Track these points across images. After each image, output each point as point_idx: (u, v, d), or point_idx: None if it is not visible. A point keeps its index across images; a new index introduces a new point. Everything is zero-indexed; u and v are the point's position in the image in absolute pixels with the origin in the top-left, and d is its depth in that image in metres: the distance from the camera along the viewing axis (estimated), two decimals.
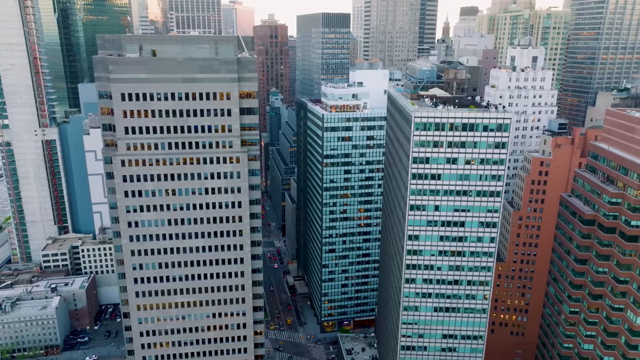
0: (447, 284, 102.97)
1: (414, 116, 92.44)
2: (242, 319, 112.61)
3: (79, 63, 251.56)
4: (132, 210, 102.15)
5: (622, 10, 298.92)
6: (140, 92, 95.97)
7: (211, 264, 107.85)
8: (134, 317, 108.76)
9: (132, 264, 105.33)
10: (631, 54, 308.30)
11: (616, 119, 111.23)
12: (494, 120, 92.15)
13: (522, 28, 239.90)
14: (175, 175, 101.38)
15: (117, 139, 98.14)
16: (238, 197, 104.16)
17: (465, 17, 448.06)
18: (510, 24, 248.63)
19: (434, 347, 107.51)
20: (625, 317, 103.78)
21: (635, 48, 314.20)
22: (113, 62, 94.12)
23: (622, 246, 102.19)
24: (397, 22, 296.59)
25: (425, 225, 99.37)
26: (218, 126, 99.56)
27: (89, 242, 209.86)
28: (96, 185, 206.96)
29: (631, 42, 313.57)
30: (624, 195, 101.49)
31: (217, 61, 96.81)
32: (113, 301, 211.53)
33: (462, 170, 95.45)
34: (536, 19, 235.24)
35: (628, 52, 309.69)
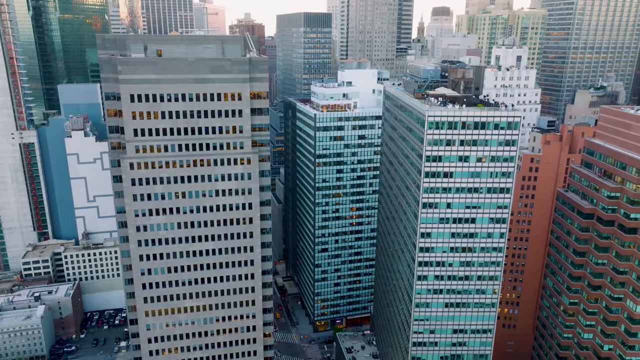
0: (458, 279, 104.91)
1: (428, 115, 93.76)
2: (252, 322, 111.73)
3: (54, 63, 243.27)
4: (141, 214, 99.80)
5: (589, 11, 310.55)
6: (150, 93, 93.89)
7: (221, 266, 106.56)
8: (142, 323, 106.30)
9: (141, 269, 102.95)
10: (598, 53, 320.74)
11: (611, 116, 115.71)
12: (504, 119, 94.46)
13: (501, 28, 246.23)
14: (185, 177, 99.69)
15: (126, 141, 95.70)
16: (249, 198, 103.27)
17: (437, 17, 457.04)
18: (490, 25, 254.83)
19: (445, 342, 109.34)
20: (624, 306, 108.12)
21: (602, 48, 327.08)
22: (122, 63, 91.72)
23: (621, 238, 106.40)
24: (375, 22, 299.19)
25: (437, 223, 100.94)
26: (229, 127, 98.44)
27: (72, 248, 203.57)
28: (79, 189, 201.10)
29: (598, 42, 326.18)
30: (622, 190, 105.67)
31: (228, 61, 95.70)
32: (98, 308, 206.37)
33: (473, 168, 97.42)
34: (515, 20, 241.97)
35: (595, 51, 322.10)
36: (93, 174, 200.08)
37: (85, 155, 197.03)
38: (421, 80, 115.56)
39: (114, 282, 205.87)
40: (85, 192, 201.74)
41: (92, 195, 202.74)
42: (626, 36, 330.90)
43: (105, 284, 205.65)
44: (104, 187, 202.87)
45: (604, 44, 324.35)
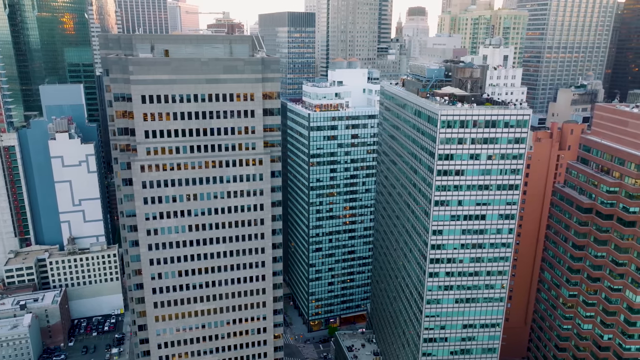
0: (468, 275, 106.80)
1: (440, 114, 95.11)
2: (263, 323, 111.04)
3: (31, 63, 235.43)
4: (152, 217, 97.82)
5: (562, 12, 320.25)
6: (162, 94, 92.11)
7: (232, 269, 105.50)
8: (152, 329, 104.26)
9: (151, 273, 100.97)
10: (571, 52, 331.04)
11: (607, 113, 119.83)
12: (514, 117, 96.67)
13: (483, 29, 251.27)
14: (196, 179, 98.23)
15: (137, 143, 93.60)
16: (260, 199, 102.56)
17: (413, 17, 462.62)
18: (472, 25, 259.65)
19: (455, 337, 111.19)
20: (624, 297, 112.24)
21: (574, 47, 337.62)
22: (134, 63, 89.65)
23: (620, 231, 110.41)
24: (357, 22, 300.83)
25: (448, 220, 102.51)
26: (241, 128, 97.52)
27: (57, 254, 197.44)
28: (64, 193, 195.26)
29: (570, 42, 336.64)
30: (621, 184, 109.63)
31: (241, 61, 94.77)
32: (85, 315, 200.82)
33: (484, 166, 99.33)
34: (497, 20, 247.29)
35: (568, 51, 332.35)
36: (78, 177, 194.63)
37: (70, 157, 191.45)
38: (425, 79, 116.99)
39: (102, 287, 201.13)
40: (70, 195, 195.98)
41: (77, 199, 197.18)
42: (596, 36, 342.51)
43: (93, 289, 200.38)
44: (89, 191, 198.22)
45: (576, 43, 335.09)
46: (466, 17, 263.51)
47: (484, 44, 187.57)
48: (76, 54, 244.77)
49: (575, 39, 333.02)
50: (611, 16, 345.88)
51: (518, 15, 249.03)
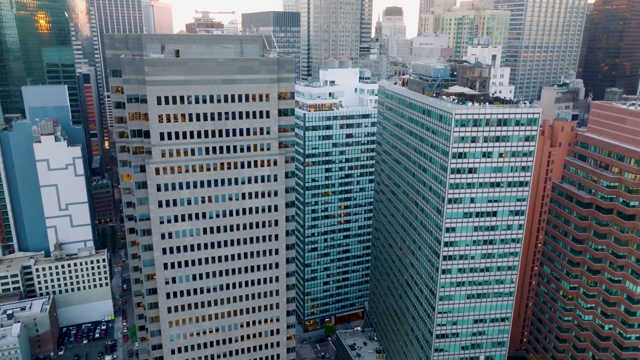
0: (479, 271, 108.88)
1: (455, 113, 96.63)
2: (276, 325, 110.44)
3: (8, 63, 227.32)
4: (167, 220, 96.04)
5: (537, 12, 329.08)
6: (178, 95, 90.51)
7: (246, 271, 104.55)
8: (166, 334, 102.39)
9: (165, 278, 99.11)
10: (545, 52, 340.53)
11: (604, 111, 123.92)
12: (524, 115, 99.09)
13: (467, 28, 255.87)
14: (211, 181, 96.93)
15: (152, 145, 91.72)
16: (275, 200, 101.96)
17: (390, 17, 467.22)
18: (456, 25, 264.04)
19: (466, 332, 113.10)
20: (624, 288, 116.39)
21: (548, 47, 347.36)
22: (150, 64, 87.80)
23: (620, 224, 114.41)
24: (340, 22, 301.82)
25: (461, 217, 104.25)
26: (256, 129, 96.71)
27: (43, 261, 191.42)
28: (50, 197, 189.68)
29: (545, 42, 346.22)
30: (621, 179, 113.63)
31: (257, 61, 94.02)
32: (74, 322, 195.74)
33: (495, 163, 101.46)
34: (480, 20, 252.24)
35: (543, 50, 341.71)
36: (65, 181, 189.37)
37: (56, 161, 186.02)
38: (431, 79, 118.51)
39: (90, 293, 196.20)
40: (56, 200, 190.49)
41: (64, 203, 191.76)
42: (569, 36, 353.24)
43: (81, 296, 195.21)
44: (77, 195, 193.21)
45: (550, 43, 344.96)
46: (450, 17, 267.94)
47: (473, 43, 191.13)
48: (56, 54, 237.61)
49: (549, 38, 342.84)
50: (582, 17, 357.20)
51: (501, 16, 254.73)
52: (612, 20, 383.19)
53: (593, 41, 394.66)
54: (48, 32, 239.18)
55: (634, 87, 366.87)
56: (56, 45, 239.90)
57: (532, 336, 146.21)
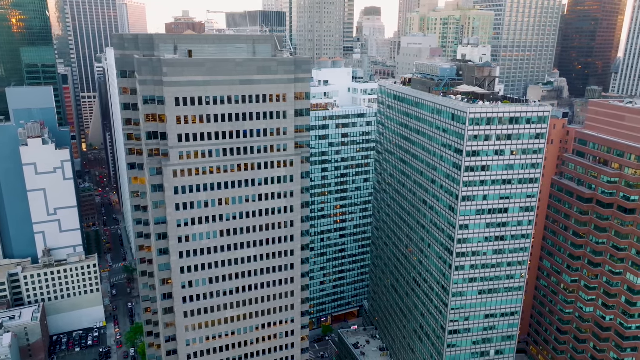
0: (491, 267, 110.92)
1: (469, 112, 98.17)
2: (291, 326, 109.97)
3: None
4: (184, 224, 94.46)
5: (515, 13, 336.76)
6: (196, 96, 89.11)
7: (262, 273, 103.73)
8: (182, 339, 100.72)
9: (181, 282, 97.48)
10: (523, 51, 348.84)
11: (603, 109, 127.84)
12: (535, 114, 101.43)
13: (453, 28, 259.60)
14: (229, 183, 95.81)
15: (169, 147, 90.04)
16: (290, 201, 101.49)
17: (369, 17, 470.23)
18: (442, 25, 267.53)
19: (477, 327, 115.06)
20: (625, 279, 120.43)
21: (526, 46, 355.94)
22: (169, 64, 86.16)
23: (621, 218, 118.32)
24: (324, 22, 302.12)
25: (474, 215, 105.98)
26: (273, 129, 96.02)
27: (31, 268, 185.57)
28: (37, 202, 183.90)
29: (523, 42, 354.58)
30: (621, 175, 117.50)
31: (275, 61, 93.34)
32: (64, 330, 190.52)
33: (507, 161, 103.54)
34: (466, 20, 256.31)
35: (521, 50, 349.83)
36: (53, 185, 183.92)
37: (44, 164, 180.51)
38: (438, 78, 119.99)
39: (81, 300, 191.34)
40: (44, 204, 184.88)
41: (52, 207, 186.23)
42: (545, 36, 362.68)
43: (71, 303, 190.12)
44: (65, 199, 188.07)
45: (528, 43, 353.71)
46: (435, 17, 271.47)
47: (463, 43, 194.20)
48: (36, 54, 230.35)
49: (527, 38, 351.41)
50: (557, 17, 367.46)
51: (486, 16, 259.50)
52: (585, 20, 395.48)
53: (567, 41, 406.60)
54: (28, 31, 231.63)
55: (606, 85, 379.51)
56: (36, 45, 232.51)
57: (532, 329, 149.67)
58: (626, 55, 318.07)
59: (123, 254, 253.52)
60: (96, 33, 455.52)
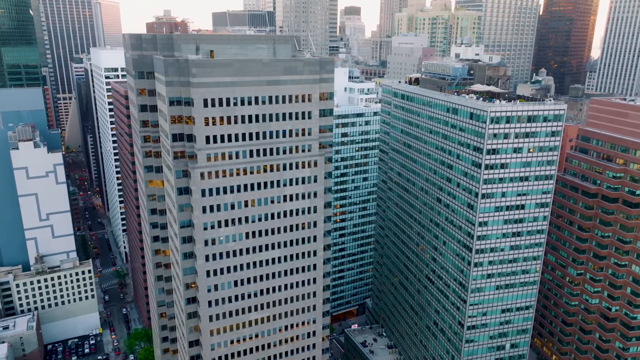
0: (508, 262, 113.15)
1: (490, 111, 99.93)
2: (313, 327, 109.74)
3: None
4: (210, 227, 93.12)
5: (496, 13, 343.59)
6: (224, 97, 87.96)
7: (285, 274, 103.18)
8: (206, 344, 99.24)
9: (207, 286, 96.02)
10: (504, 50, 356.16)
11: (604, 106, 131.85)
12: (551, 112, 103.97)
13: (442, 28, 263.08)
14: (254, 184, 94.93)
15: (197, 149, 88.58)
16: (314, 202, 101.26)
17: (350, 17, 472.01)
18: (430, 24, 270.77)
19: (494, 322, 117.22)
20: (630, 271, 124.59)
21: (506, 46, 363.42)
22: (197, 65, 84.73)
23: (626, 212, 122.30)
24: (310, 21, 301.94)
25: (493, 212, 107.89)
26: (298, 130, 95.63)
27: (22, 276, 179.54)
28: (29, 207, 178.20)
29: (504, 41, 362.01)
30: (626, 170, 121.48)
31: (301, 62, 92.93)
32: (59, 338, 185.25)
33: (524, 158, 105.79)
34: (454, 20, 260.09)
35: (502, 49, 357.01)
36: (46, 190, 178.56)
37: (36, 168, 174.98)
38: (451, 77, 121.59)
39: (76, 307, 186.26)
40: (36, 210, 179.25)
41: (44, 213, 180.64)
42: (523, 35, 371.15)
43: (66, 310, 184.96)
44: (58, 203, 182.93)
45: (507, 42, 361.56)
46: (423, 17, 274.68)
47: (456, 43, 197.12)
48: (18, 54, 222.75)
49: (506, 38, 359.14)
50: (535, 18, 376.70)
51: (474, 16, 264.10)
52: (560, 20, 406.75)
53: (543, 40, 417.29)
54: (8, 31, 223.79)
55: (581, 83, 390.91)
56: (18, 45, 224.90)
57: (537, 322, 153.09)
58: (603, 55, 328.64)
59: (112, 259, 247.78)
60: (70, 33, 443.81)
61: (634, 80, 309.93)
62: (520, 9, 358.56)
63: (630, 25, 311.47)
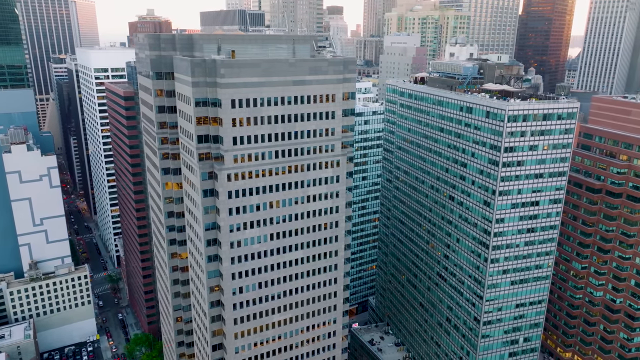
0: (522, 258, 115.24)
1: (508, 109, 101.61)
2: (333, 327, 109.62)
3: None
4: (236, 229, 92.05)
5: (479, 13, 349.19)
6: (251, 98, 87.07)
7: (308, 275, 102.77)
8: (231, 347, 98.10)
9: (232, 288, 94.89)
10: (486, 50, 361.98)
11: (606, 104, 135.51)
12: (565, 110, 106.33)
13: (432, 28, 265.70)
14: (279, 185, 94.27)
15: (224, 151, 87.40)
16: (336, 202, 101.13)
17: (332, 16, 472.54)
18: (420, 24, 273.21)
19: (508, 317, 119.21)
20: (634, 264, 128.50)
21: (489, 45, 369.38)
22: (226, 65, 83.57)
23: (630, 207, 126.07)
24: (298, 20, 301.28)
25: (509, 209, 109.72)
26: (322, 130, 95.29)
27: (15, 283, 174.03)
28: (22, 212, 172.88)
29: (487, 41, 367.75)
30: (630, 166, 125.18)
31: (325, 62, 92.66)
32: (54, 346, 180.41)
33: (540, 156, 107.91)
34: (444, 20, 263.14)
35: (485, 48, 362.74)
36: (39, 194, 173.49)
37: (30, 172, 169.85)
38: (461, 77, 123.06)
39: (71, 314, 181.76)
40: (30, 215, 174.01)
41: (38, 218, 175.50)
42: (505, 35, 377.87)
43: (61, 317, 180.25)
44: (53, 208, 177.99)
45: (490, 42, 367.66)
46: (413, 17, 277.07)
47: (450, 42, 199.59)
48: (4, 54, 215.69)
49: (489, 37, 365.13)
50: (516, 18, 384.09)
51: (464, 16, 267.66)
52: (539, 20, 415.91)
53: (522, 40, 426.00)
54: None
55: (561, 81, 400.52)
56: (2, 45, 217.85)
57: None
58: (584, 54, 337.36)
59: (103, 263, 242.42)
60: (47, 32, 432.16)
61: (614, 79, 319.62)
62: (502, 9, 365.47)
63: (609, 25, 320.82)
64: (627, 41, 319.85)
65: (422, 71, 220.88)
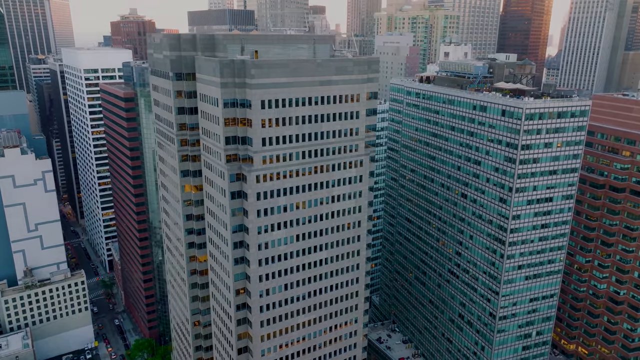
0: (536, 253, 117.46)
1: (525, 108, 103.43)
2: (355, 327, 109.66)
3: None
4: (264, 230, 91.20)
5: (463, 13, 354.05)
6: (280, 98, 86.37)
7: (332, 275, 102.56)
8: (257, 350, 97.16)
9: (259, 291, 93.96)
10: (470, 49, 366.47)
11: (607, 102, 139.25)
12: (578, 108, 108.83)
13: (422, 27, 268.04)
14: (305, 186, 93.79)
15: (253, 152, 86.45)
16: (359, 201, 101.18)
17: (316, 16, 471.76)
18: (410, 24, 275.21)
19: (522, 311, 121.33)
20: (637, 256, 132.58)
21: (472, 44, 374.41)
22: (256, 66, 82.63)
23: (633, 201, 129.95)
24: (286, 19, 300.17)
25: (525, 205, 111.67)
26: (347, 130, 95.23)
27: (10, 291, 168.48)
28: (16, 218, 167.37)
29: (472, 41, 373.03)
30: (633, 161, 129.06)
31: (350, 62, 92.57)
32: (51, 355, 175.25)
33: (554, 153, 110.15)
34: (435, 20, 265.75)
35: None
36: (34, 198, 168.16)
37: (24, 176, 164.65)
38: (472, 76, 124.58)
39: (68, 321, 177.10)
40: (24, 220, 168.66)
41: (33, 223, 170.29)
42: (487, 34, 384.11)
43: (58, 325, 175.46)
44: (47, 213, 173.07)
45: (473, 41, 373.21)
46: (403, 17, 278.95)
47: (445, 42, 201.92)
48: None
49: (472, 37, 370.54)
50: (497, 17, 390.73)
51: (454, 16, 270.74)
52: (519, 20, 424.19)
53: (503, 39, 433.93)
54: None
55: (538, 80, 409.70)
56: None
57: None
58: (564, 53, 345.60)
59: (94, 269, 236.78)
60: (22, 32, 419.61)
61: (594, 77, 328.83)
62: (483, 8, 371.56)
63: (589, 25, 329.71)
64: (607, 41, 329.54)
65: (415, 70, 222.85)
